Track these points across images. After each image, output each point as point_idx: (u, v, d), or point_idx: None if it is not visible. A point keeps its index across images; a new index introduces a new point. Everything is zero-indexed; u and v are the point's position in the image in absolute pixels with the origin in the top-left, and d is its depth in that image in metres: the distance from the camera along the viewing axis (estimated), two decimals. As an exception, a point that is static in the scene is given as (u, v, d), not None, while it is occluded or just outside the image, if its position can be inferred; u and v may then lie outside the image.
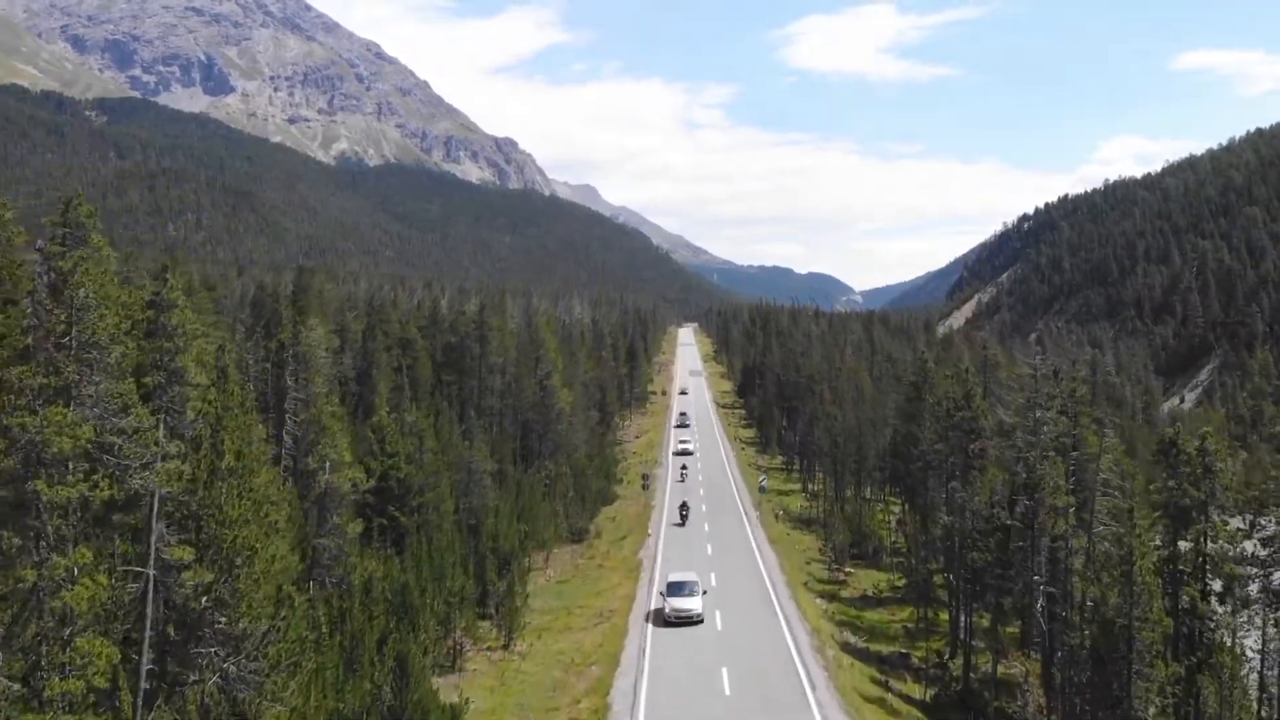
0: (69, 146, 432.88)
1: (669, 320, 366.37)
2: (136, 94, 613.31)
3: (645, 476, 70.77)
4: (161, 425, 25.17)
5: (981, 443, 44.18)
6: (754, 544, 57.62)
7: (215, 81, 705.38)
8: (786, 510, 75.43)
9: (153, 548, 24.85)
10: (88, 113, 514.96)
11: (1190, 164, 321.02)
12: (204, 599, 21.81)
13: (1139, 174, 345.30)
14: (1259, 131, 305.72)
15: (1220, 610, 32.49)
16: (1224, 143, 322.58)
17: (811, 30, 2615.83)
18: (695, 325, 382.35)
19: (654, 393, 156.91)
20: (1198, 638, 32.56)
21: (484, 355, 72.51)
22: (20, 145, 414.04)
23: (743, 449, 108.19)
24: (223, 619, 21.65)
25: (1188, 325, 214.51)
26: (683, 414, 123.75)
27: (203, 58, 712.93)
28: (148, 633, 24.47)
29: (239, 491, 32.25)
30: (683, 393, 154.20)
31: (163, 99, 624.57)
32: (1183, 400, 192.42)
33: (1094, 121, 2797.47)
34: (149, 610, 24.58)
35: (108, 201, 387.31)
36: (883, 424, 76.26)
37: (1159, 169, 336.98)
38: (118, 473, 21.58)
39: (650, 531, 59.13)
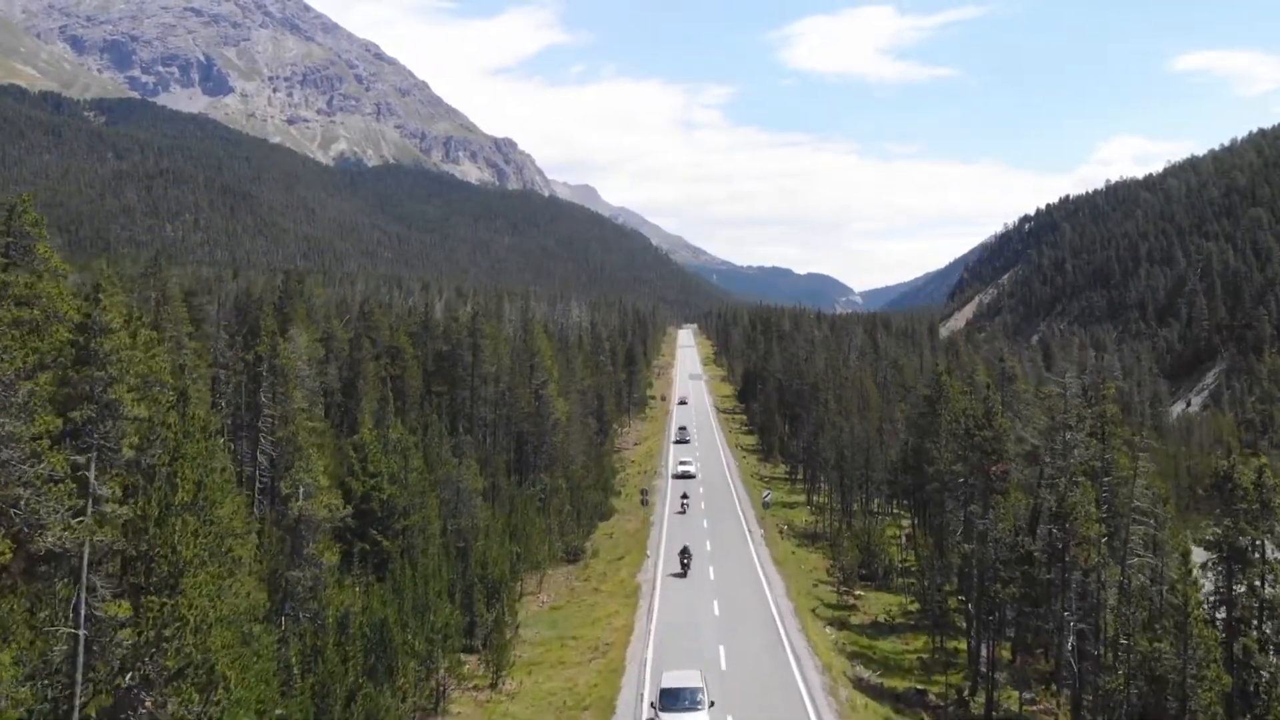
0: (66, 147, 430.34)
1: (668, 321, 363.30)
2: (135, 94, 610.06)
3: (644, 492, 67.64)
4: (93, 465, 22.06)
5: (1003, 465, 41.01)
6: (758, 565, 54.52)
7: (214, 82, 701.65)
8: (791, 525, 72.34)
9: (83, 606, 21.76)
10: (86, 113, 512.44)
11: (1192, 164, 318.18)
12: (128, 677, 18.70)
13: (1138, 174, 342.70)
14: (1261, 132, 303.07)
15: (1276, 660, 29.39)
16: (1225, 143, 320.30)
17: (810, 31, 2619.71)
18: (695, 326, 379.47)
19: (653, 398, 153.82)
20: (1253, 691, 29.48)
21: (476, 364, 69.40)
22: (18, 145, 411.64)
23: (744, 457, 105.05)
24: (149, 700, 18.54)
25: (1193, 328, 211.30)
26: (682, 428, 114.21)
27: (201, 58, 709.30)
28: (78, 703, 21.40)
29: (195, 529, 29.13)
30: (682, 402, 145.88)
31: (161, 99, 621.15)
32: (1189, 405, 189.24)
33: (1093, 122, 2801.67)
34: (78, 677, 21.49)
35: (105, 202, 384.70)
36: (892, 435, 73.16)
37: (1160, 169, 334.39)
38: (26, 530, 18.51)
39: (649, 553, 56.05)
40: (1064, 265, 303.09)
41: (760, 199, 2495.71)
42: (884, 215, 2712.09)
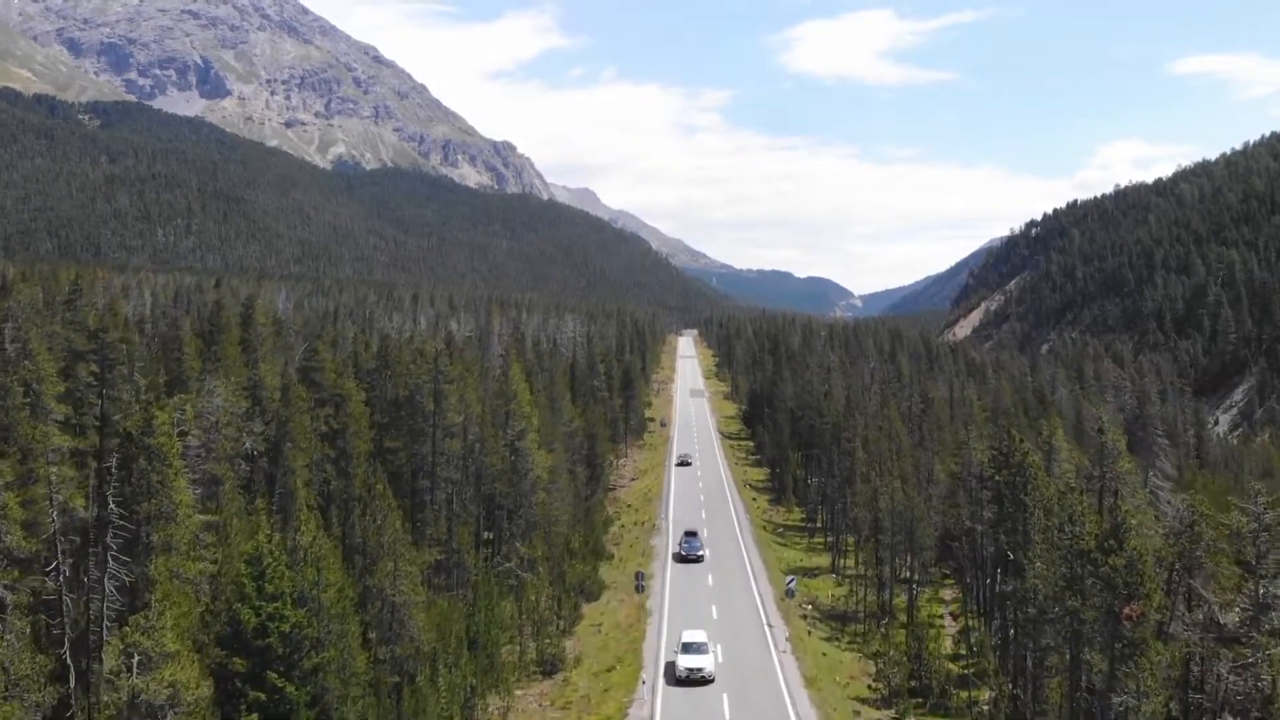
0: (59, 151, 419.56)
1: (668, 328, 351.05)
2: (132, 97, 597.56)
3: (639, 575, 55.33)
4: None
5: (1141, 606, 28.65)
6: (786, 693, 41.97)
7: (211, 85, 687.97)
8: (816, 603, 59.82)
9: None
10: (80, 116, 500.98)
11: (1204, 169, 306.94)
12: None
13: (1138, 178, 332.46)
14: (1276, 136, 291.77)
15: None
16: (1237, 147, 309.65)
17: (809, 35, 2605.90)
18: (695, 333, 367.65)
19: (652, 419, 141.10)
20: None
21: (439, 414, 56.83)
22: (10, 149, 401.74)
23: (753, 499, 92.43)
24: None
25: (1218, 340, 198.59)
26: (690, 534, 67.29)
27: (199, 61, 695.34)
28: None
29: None
30: (684, 463, 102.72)
31: (158, 102, 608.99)
32: (1217, 423, 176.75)
33: (1092, 126, 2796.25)
34: None
35: (96, 207, 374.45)
36: (935, 496, 60.84)
37: (1170, 174, 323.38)
38: None
39: (644, 678, 43.42)
40: (1074, 272, 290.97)
41: (760, 202, 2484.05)
42: (883, 218, 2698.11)
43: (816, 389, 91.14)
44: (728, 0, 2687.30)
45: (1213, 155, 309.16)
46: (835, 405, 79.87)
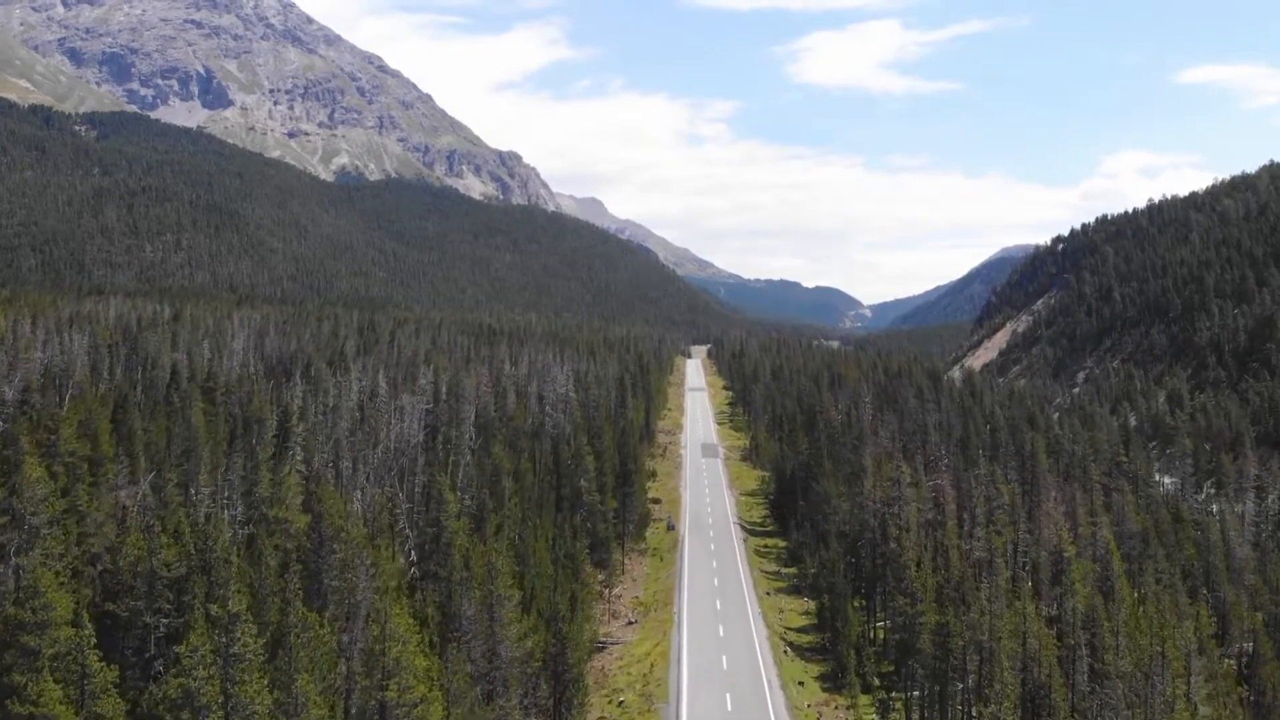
0: (50, 163, 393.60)
1: (675, 349, 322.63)
2: (133, 108, 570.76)
3: None
4: None
5: None
6: None
7: (214, 95, 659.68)
8: None
9: None
10: (77, 127, 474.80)
11: (1247, 183, 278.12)
12: None
13: (1143, 187, 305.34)
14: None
15: None
16: (1278, 159, 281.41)
17: (816, 46, 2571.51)
18: (704, 352, 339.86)
19: (657, 501, 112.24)
20: None
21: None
22: (0, 161, 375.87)
23: (800, 683, 63.27)
24: None
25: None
26: None
27: (201, 70, 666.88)
28: None
29: None
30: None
31: (160, 113, 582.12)
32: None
33: (1098, 135, 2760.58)
34: None
35: (83, 221, 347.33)
36: None
37: (1206, 186, 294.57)
38: None
39: None
40: (1110, 294, 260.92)
41: (766, 211, 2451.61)
42: (890, 227, 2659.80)
43: (886, 521, 62.34)
44: (734, 12, 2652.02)
45: (1220, 164, 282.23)
46: (928, 585, 50.79)
